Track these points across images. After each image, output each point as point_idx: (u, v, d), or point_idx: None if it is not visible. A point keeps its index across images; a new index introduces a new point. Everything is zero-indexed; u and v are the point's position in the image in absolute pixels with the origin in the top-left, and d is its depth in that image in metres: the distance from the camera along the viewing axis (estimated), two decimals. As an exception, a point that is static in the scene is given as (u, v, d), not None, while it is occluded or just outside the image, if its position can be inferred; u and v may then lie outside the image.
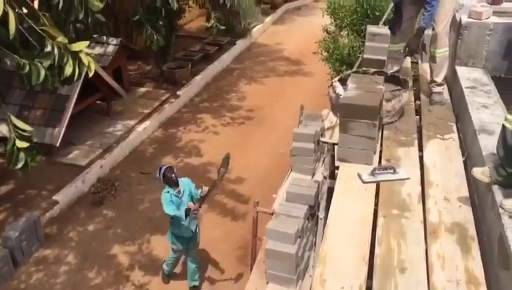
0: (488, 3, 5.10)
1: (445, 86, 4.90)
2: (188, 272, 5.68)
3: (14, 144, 3.66)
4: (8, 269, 5.81)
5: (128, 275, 6.08)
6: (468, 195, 3.26)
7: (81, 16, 4.13)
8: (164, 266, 5.80)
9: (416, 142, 4.03)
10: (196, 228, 5.50)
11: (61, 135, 7.58)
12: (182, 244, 5.47)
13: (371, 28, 5.18)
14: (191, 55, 12.41)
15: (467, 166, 3.60)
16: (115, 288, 5.88)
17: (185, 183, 5.38)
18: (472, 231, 2.90)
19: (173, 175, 5.23)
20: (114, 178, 7.88)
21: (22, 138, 3.71)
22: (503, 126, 2.81)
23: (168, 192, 5.18)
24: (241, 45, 14.36)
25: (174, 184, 5.25)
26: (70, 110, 7.75)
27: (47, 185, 7.36)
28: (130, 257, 6.36)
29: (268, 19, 17.07)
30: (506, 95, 4.01)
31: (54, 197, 7.05)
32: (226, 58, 13.28)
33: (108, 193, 7.47)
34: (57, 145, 7.60)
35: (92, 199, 7.36)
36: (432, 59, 4.77)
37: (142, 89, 10.85)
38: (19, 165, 3.72)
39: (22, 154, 3.70)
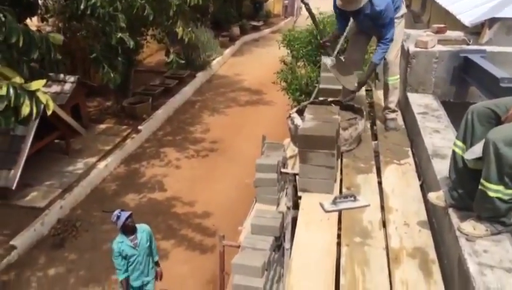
0: (433, 33, 5.37)
1: (399, 112, 5.08)
2: None
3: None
4: (-38, 323, 5.49)
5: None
6: (426, 219, 3.34)
7: (36, 55, 4.08)
8: None
9: (374, 168, 4.12)
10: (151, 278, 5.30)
11: (18, 177, 7.34)
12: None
13: (325, 59, 5.35)
14: (151, 90, 12.41)
15: (424, 190, 3.71)
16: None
17: (143, 231, 5.12)
18: (433, 254, 2.97)
19: (132, 223, 5.00)
20: (75, 218, 7.66)
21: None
22: (453, 151, 2.94)
23: (122, 242, 4.93)
24: (201, 77, 14.49)
25: (132, 233, 5.02)
26: (27, 151, 7.54)
27: (3, 229, 7.05)
28: (94, 300, 6.15)
29: (227, 51, 17.36)
30: (455, 119, 4.19)
31: (11, 243, 6.76)
32: (187, 91, 13.34)
33: (69, 234, 7.24)
34: (13, 188, 7.33)
35: (52, 242, 7.11)
36: (385, 86, 4.95)
37: (102, 126, 10.71)
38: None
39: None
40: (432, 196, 3.03)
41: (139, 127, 10.64)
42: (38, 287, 6.33)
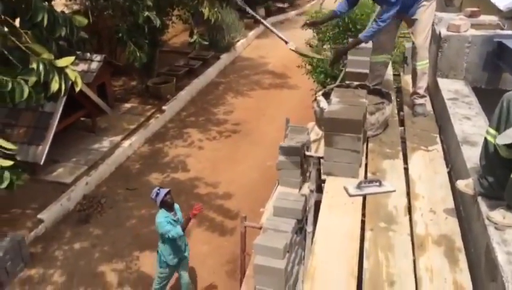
0: (466, 16, 5.20)
1: (428, 98, 4.97)
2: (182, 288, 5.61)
3: (-2, 163, 3.59)
4: (-8, 291, 5.71)
5: (116, 293, 6.02)
6: (453, 206, 3.28)
7: (63, 33, 4.11)
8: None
9: (400, 154, 4.06)
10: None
11: (45, 152, 7.51)
12: (171, 270, 5.41)
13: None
14: (175, 70, 12.43)
15: (452, 177, 3.64)
16: (103, 307, 5.84)
17: (177, 208, 5.31)
18: (459, 242, 2.92)
19: (171, 199, 5.15)
20: (100, 195, 7.81)
21: (6, 156, 3.64)
22: (485, 138, 2.86)
23: (167, 217, 5.07)
24: (225, 59, 14.42)
25: (171, 209, 5.16)
26: (54, 127, 7.69)
27: (31, 203, 7.26)
28: (118, 275, 6.29)
29: (251, 33, 17.18)
30: (487, 106, 4.08)
31: (38, 216, 6.96)
32: (210, 73, 13.33)
33: (94, 210, 7.40)
34: (41, 163, 7.51)
35: (78, 217, 7.28)
36: (413, 72, 4.84)
37: (127, 105, 10.82)
38: (4, 185, 3.64)
39: (6, 173, 3.63)
40: (461, 184, 2.97)
41: (163, 107, 10.71)
42: (63, 260, 6.51)
